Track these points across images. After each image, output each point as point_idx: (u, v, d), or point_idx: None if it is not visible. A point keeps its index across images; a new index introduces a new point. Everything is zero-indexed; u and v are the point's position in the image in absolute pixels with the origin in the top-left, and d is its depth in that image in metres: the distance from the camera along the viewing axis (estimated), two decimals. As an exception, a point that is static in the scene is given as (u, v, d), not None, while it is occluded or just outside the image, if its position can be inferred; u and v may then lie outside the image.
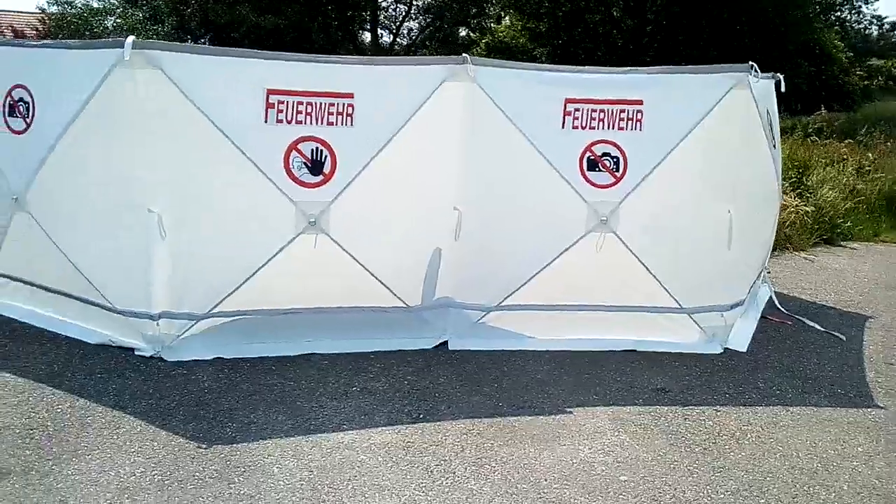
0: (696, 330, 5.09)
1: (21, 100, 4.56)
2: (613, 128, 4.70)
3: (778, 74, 5.42)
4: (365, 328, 4.86)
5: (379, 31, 23.27)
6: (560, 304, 4.99)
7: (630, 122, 4.70)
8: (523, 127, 4.62)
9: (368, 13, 21.59)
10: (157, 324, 4.53)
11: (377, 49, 20.05)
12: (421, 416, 4.02)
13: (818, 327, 5.66)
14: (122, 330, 4.64)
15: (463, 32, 24.35)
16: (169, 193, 4.34)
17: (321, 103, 4.36)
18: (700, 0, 19.47)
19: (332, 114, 4.39)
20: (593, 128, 4.69)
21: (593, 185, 4.71)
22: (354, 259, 4.62)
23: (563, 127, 4.68)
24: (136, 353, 4.60)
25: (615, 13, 21.86)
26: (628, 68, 4.78)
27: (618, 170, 4.72)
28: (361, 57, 4.45)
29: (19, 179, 4.66)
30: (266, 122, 4.31)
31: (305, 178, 4.41)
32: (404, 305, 4.88)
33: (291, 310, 4.72)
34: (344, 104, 4.40)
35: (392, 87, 4.49)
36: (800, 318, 5.86)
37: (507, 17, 25.52)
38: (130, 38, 4.06)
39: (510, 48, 23.24)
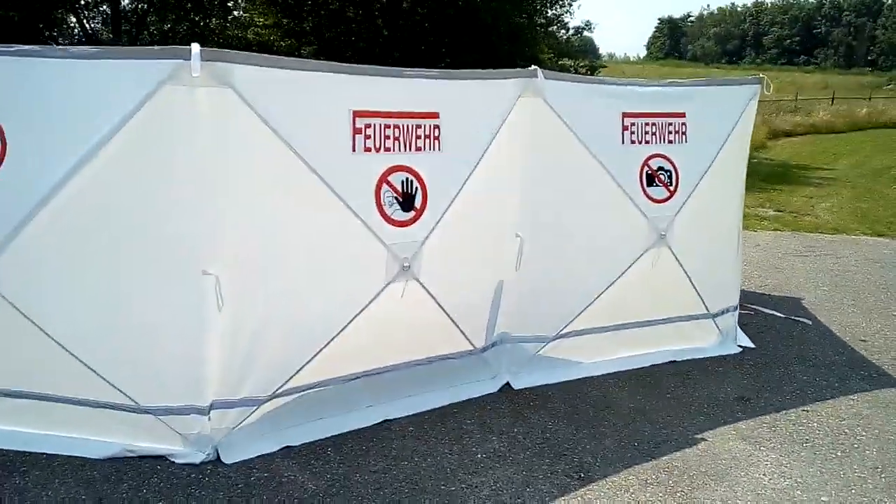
0: (716, 333, 5.24)
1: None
2: (664, 141, 4.62)
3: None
4: (430, 380, 4.23)
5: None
6: (611, 324, 4.81)
7: (677, 135, 4.66)
8: (588, 143, 4.33)
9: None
10: (209, 417, 3.47)
11: (117, 42, 17.58)
12: (580, 474, 3.59)
13: (778, 314, 6.16)
14: (148, 434, 3.48)
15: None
16: (232, 249, 3.32)
17: (408, 126, 3.66)
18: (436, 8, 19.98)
19: (420, 137, 3.71)
20: (648, 142, 4.57)
21: (652, 200, 4.59)
22: (438, 305, 3.97)
23: (622, 142, 4.48)
24: (174, 460, 3.48)
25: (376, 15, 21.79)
26: (669, 80, 4.72)
27: (671, 183, 4.65)
28: (442, 70, 3.74)
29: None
30: (354, 150, 3.50)
31: (396, 216, 3.67)
32: (472, 348, 4.33)
33: (365, 373, 3.92)
34: (430, 126, 3.74)
35: (473, 105, 3.92)
36: (754, 306, 6.33)
37: (251, 14, 23.96)
38: (197, 47, 3.00)
39: (266, 45, 21.95)
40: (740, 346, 5.33)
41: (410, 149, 3.66)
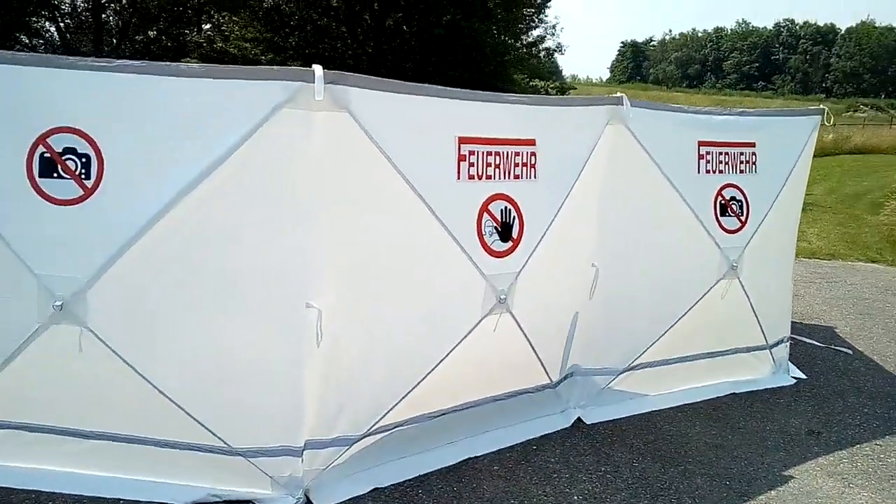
0: (771, 363, 5.20)
1: (71, 151, 2.92)
2: (736, 171, 4.58)
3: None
4: (508, 415, 4.08)
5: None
6: (676, 356, 4.72)
7: (748, 165, 4.62)
8: (667, 171, 4.26)
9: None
10: (302, 459, 3.26)
11: (98, 53, 17.07)
12: (685, 516, 3.47)
13: (817, 343, 6.15)
14: (235, 477, 3.26)
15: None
16: (336, 281, 3.14)
17: (508, 153, 3.54)
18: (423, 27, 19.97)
19: (518, 165, 3.58)
20: (721, 171, 4.52)
21: (725, 230, 4.54)
22: (526, 338, 3.84)
23: (698, 171, 4.42)
24: (262, 505, 3.27)
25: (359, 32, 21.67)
26: (740, 110, 4.69)
27: (742, 213, 4.60)
28: (538, 96, 3.65)
29: (68, 275, 2.97)
30: (458, 178, 3.36)
31: (496, 246, 3.53)
32: (549, 381, 4.19)
33: (451, 409, 3.76)
34: (528, 153, 3.62)
35: (567, 132, 3.81)
36: (792, 335, 6.32)
37: (231, 28, 23.59)
38: (320, 69, 2.83)
39: (249, 59, 21.64)
40: (793, 377, 5.29)
41: (509, 176, 3.54)
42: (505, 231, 3.54)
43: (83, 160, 2.89)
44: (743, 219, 4.60)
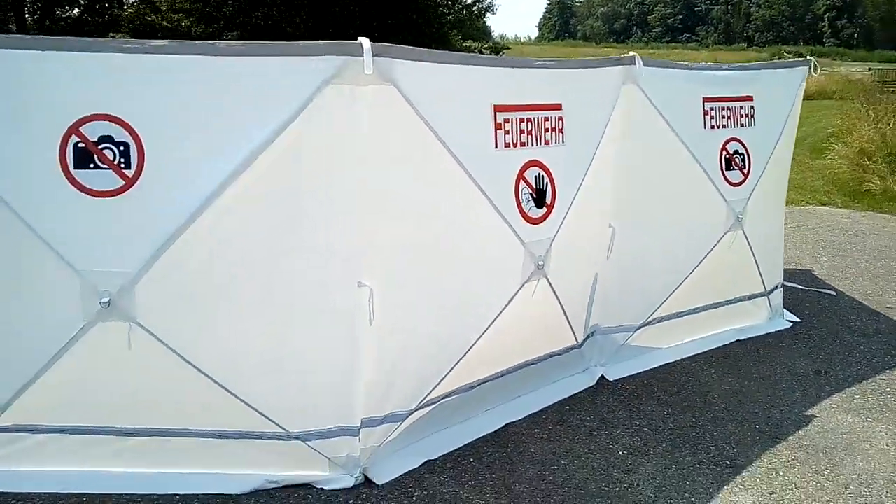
0: (768, 309, 5.39)
1: (107, 140, 2.77)
2: (738, 125, 4.68)
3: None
4: (538, 378, 4.13)
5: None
6: (687, 309, 4.85)
7: (747, 118, 4.73)
8: (677, 129, 4.33)
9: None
10: (359, 438, 3.25)
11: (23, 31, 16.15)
12: (726, 462, 3.61)
13: (801, 287, 6.40)
14: (291, 462, 3.23)
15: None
16: (385, 257, 3.10)
17: (537, 118, 3.53)
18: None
19: (548, 130, 3.58)
20: (724, 126, 4.61)
21: (730, 183, 4.65)
22: (559, 303, 3.88)
23: (704, 127, 4.51)
24: (323, 486, 3.25)
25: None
26: (738, 65, 4.77)
27: (745, 166, 4.72)
28: (556, 59, 3.59)
29: (113, 269, 2.85)
30: (496, 147, 3.34)
31: (532, 213, 3.54)
32: (575, 342, 4.26)
33: (490, 377, 3.79)
34: (556, 118, 3.62)
35: (589, 95, 3.82)
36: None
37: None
38: (367, 42, 2.75)
39: (181, 31, 20.78)
40: (788, 320, 5.50)
41: (541, 142, 3.54)
42: (540, 197, 3.55)
43: (121, 148, 2.75)
44: (745, 171, 4.72)
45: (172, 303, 2.91)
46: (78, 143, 2.74)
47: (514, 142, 3.41)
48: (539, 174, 3.54)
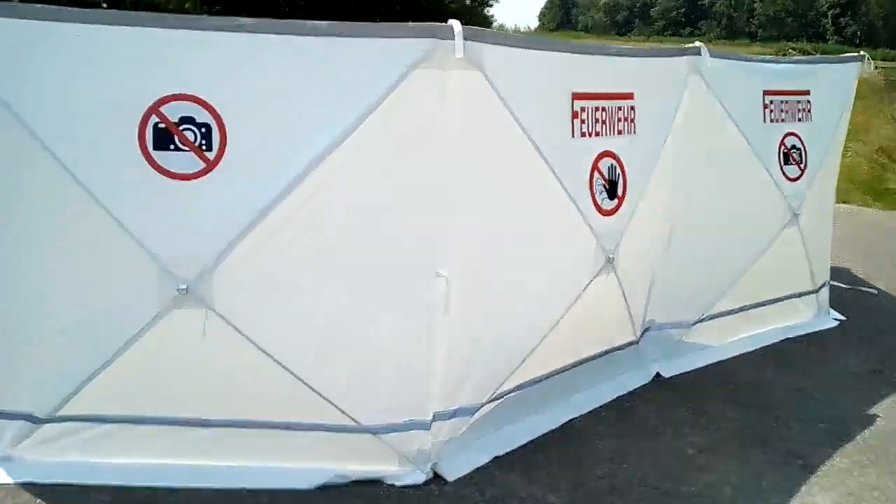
0: (815, 307, 5.31)
1: (188, 120, 2.68)
2: (795, 119, 4.60)
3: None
4: (598, 373, 4.05)
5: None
6: (739, 306, 4.78)
7: (804, 113, 4.65)
8: (738, 122, 4.25)
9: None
10: (430, 432, 3.17)
11: None
12: (799, 462, 3.54)
13: (843, 285, 6.32)
14: (360, 456, 3.14)
15: None
16: (461, 247, 3.02)
17: (611, 108, 3.44)
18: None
19: (620, 120, 3.50)
20: (783, 120, 4.54)
21: (788, 178, 4.57)
22: (624, 297, 3.80)
23: (764, 121, 4.43)
24: (393, 482, 3.16)
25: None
26: (795, 58, 4.68)
27: (802, 161, 4.65)
28: (627, 47, 3.55)
29: (192, 255, 2.76)
30: (573, 136, 3.25)
31: (605, 205, 3.46)
32: (634, 338, 4.19)
33: (554, 372, 3.71)
34: (628, 107, 3.53)
35: (658, 84, 3.74)
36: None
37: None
38: (458, 24, 2.66)
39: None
40: (834, 318, 5.43)
41: (613, 132, 3.46)
42: (612, 189, 3.47)
43: (203, 130, 2.66)
44: (802, 166, 4.64)
45: (249, 290, 2.82)
46: (158, 123, 2.64)
47: (590, 131, 3.32)
48: (612, 165, 3.46)
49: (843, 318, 5.48)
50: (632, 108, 3.54)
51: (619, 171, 3.50)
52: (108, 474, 3.04)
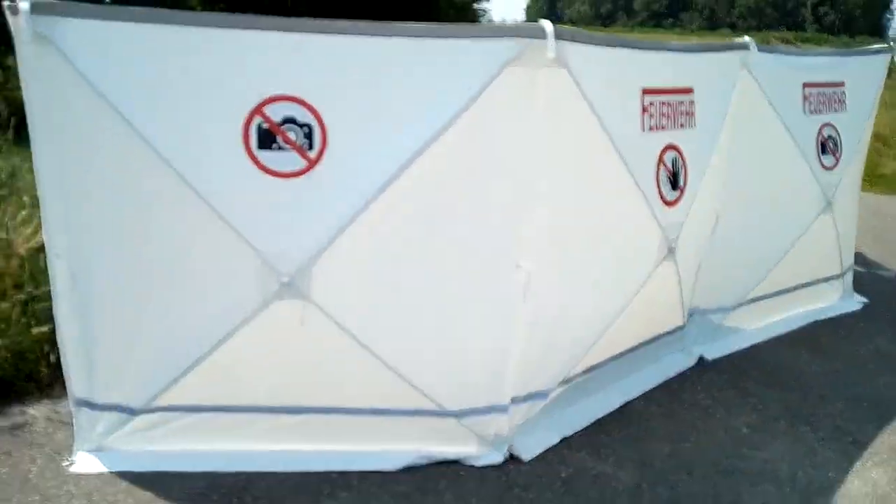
0: (840, 290, 5.51)
1: (290, 121, 2.77)
2: (831, 110, 4.76)
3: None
4: (648, 357, 4.21)
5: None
6: (774, 291, 4.95)
7: (839, 104, 4.81)
8: (781, 113, 4.40)
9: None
10: (508, 415, 3.32)
11: None
12: (849, 438, 3.72)
13: (859, 269, 6.51)
14: (442, 438, 3.28)
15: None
16: (542, 238, 3.15)
17: (674, 102, 3.58)
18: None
19: (682, 114, 3.64)
20: (820, 111, 4.70)
21: (824, 167, 4.74)
22: (679, 284, 3.95)
23: (804, 112, 4.58)
24: (472, 463, 3.31)
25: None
26: (831, 51, 4.84)
27: (837, 151, 4.81)
28: (685, 42, 3.70)
29: (293, 249, 2.87)
30: (643, 130, 3.39)
31: (668, 196, 3.60)
32: (682, 323, 4.35)
33: (615, 356, 3.87)
34: (688, 101, 3.67)
35: (713, 79, 3.87)
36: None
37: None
38: (550, 25, 2.78)
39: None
40: (858, 301, 5.62)
41: (676, 126, 3.59)
42: (675, 180, 3.61)
43: (305, 130, 2.76)
44: (837, 155, 4.81)
45: (345, 282, 2.94)
46: (262, 123, 2.74)
47: (657, 125, 3.46)
48: (675, 157, 3.60)
49: (865, 300, 5.68)
50: (692, 102, 3.67)
51: (681, 163, 3.64)
52: (202, 461, 3.15)
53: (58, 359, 3.77)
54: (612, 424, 3.73)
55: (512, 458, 3.37)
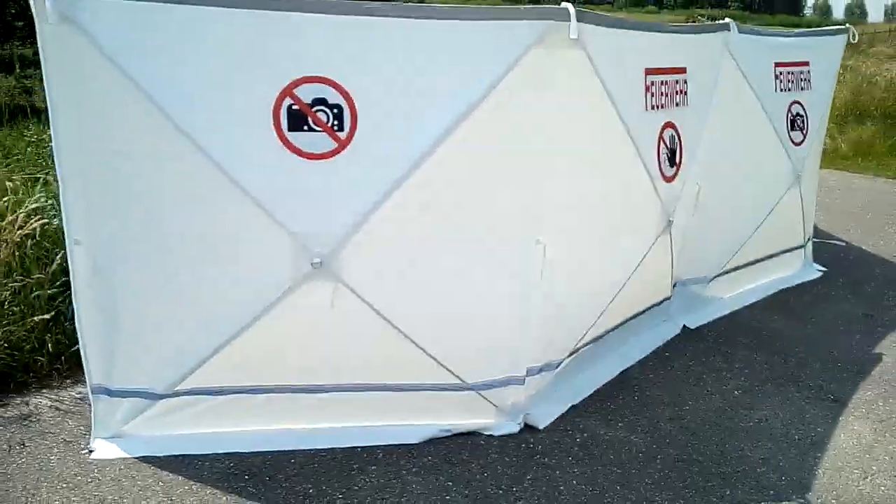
0: (802, 260, 5.83)
1: (321, 102, 2.79)
2: (799, 88, 5.01)
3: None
4: (640, 326, 4.40)
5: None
6: (749, 260, 5.21)
7: (805, 83, 5.07)
8: (757, 91, 4.62)
9: None
10: (524, 386, 3.44)
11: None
12: (831, 397, 3.99)
13: (815, 239, 6.88)
14: (466, 411, 3.39)
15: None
16: (560, 216, 3.26)
17: (671, 81, 3.73)
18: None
19: (678, 93, 3.79)
20: (789, 89, 4.94)
21: (794, 143, 4.99)
22: (672, 256, 4.14)
23: (775, 90, 4.81)
24: (491, 433, 3.43)
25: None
26: (798, 31, 5.09)
27: (804, 127, 5.08)
28: (679, 24, 3.80)
29: (324, 230, 2.89)
30: (646, 109, 3.52)
31: (667, 171, 3.76)
32: (669, 294, 4.55)
33: (615, 326, 4.03)
34: (682, 80, 3.83)
35: (703, 59, 4.03)
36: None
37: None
38: (572, 7, 2.86)
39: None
40: (818, 269, 5.96)
41: (673, 104, 3.74)
42: (672, 157, 3.77)
43: (335, 111, 2.78)
44: (805, 132, 5.08)
45: (375, 262, 2.98)
46: (292, 105, 2.74)
47: (658, 104, 3.60)
48: (672, 135, 3.75)
49: (824, 269, 6.03)
50: (685, 81, 3.83)
51: (677, 140, 3.80)
52: (226, 443, 3.17)
53: (56, 348, 3.73)
54: (614, 392, 3.90)
55: (527, 427, 3.49)
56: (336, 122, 2.78)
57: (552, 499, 3.03)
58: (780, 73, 4.83)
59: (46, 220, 3.76)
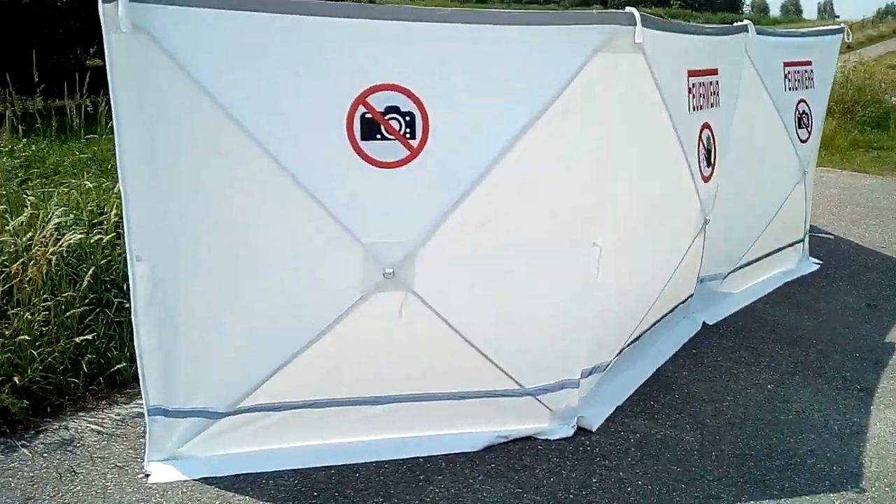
0: (800, 253, 6.01)
1: (393, 110, 2.75)
2: (804, 87, 5.15)
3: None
4: (667, 324, 4.46)
5: None
6: (758, 255, 5.34)
7: (809, 81, 5.22)
8: (771, 91, 4.74)
9: None
10: (579, 389, 3.47)
11: None
12: (858, 386, 4.11)
13: (804, 233, 7.10)
14: (522, 416, 3.39)
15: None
16: (615, 218, 3.29)
17: (707, 83, 3.79)
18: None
19: (713, 94, 3.86)
20: (797, 88, 5.07)
21: (801, 140, 5.13)
22: (702, 255, 4.20)
23: (784, 90, 4.94)
24: (547, 437, 3.44)
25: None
26: (802, 31, 5.23)
27: (809, 125, 5.22)
28: (710, 26, 3.80)
29: (396, 240, 2.85)
30: (689, 110, 3.58)
31: (705, 171, 3.82)
32: (693, 292, 4.63)
33: (649, 327, 4.08)
34: (715, 82, 3.90)
35: (730, 60, 4.11)
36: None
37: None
38: (636, 12, 2.88)
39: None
40: (814, 262, 6.14)
41: (708, 105, 3.80)
42: (708, 156, 3.83)
43: (407, 119, 2.74)
44: (810, 129, 5.22)
45: (443, 271, 2.95)
46: (365, 113, 2.70)
47: (697, 105, 3.65)
48: (708, 135, 3.82)
49: (819, 262, 6.21)
50: (717, 82, 3.90)
51: (712, 140, 3.86)
52: (289, 459, 3.11)
53: (90, 368, 3.60)
54: (653, 391, 3.94)
55: (579, 430, 3.51)
56: (408, 130, 2.74)
57: (623, 501, 3.06)
58: (789, 73, 4.95)
59: (82, 236, 3.61)
